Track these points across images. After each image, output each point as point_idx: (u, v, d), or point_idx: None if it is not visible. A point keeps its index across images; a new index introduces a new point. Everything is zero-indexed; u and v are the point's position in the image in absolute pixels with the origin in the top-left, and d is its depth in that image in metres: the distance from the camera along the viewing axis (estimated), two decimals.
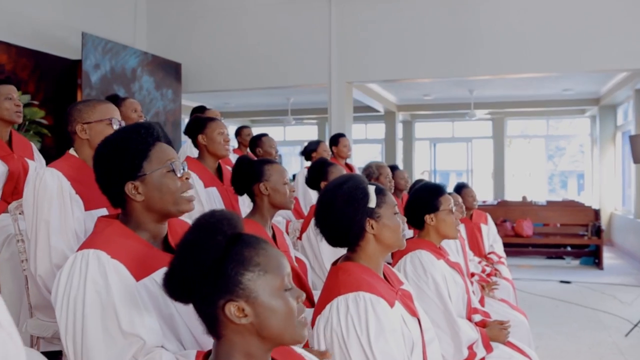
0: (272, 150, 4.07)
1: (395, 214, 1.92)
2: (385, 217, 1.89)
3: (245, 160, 2.56)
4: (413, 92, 11.77)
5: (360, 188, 1.90)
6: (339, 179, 1.96)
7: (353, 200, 1.87)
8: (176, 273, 1.19)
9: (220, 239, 1.19)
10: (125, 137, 1.59)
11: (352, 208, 1.87)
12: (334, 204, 1.90)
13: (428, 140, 14.94)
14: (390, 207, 1.92)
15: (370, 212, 1.88)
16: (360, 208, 1.87)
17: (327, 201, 1.92)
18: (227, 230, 1.22)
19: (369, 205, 1.87)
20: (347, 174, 2.01)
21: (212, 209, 1.29)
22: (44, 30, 7.74)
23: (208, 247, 1.17)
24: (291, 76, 9.06)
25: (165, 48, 9.38)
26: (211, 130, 3.03)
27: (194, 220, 1.25)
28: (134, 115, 3.73)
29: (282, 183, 2.48)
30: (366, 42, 8.58)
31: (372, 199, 1.88)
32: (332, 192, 1.93)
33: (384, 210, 1.90)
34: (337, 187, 1.93)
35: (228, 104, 13.64)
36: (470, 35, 8.12)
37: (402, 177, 4.79)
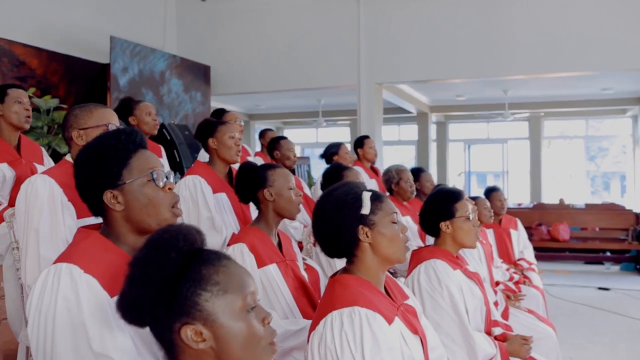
0: (290, 153, 3.97)
1: (394, 222, 1.79)
2: (380, 225, 1.76)
3: (248, 167, 2.46)
4: (446, 92, 11.53)
5: (352, 193, 1.79)
6: (335, 185, 1.85)
7: (343, 205, 1.76)
8: (126, 295, 1.09)
9: (174, 256, 1.07)
10: (104, 143, 1.49)
11: (342, 214, 1.76)
12: (324, 211, 1.80)
13: (462, 142, 14.65)
14: (387, 214, 1.79)
15: (364, 219, 1.76)
16: (351, 214, 1.76)
17: (319, 208, 1.81)
18: (183, 246, 1.10)
19: (361, 211, 1.75)
20: (343, 182, 1.88)
21: (168, 225, 1.17)
22: (74, 34, 7.82)
23: (160, 265, 1.06)
24: (320, 78, 8.96)
25: (194, 51, 9.39)
26: (222, 134, 2.94)
27: (148, 236, 1.14)
28: (148, 118, 3.68)
29: (286, 188, 2.38)
30: (396, 43, 8.42)
31: (366, 205, 1.76)
32: (324, 199, 1.82)
33: (380, 217, 1.77)
34: (329, 194, 1.82)
35: (259, 106, 13.63)
36: (504, 34, 7.89)
37: (429, 181, 4.61)
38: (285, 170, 2.46)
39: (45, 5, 7.46)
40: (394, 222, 1.79)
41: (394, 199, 4.09)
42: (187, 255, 1.10)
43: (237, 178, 2.47)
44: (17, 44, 7.03)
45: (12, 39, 6.97)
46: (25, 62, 7.17)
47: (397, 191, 4.14)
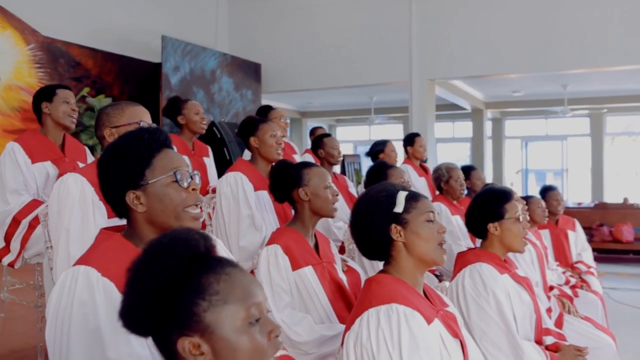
0: (335, 151, 3.88)
1: (429, 221, 1.72)
2: (414, 223, 1.71)
3: (283, 165, 2.39)
4: (501, 88, 11.20)
5: (386, 191, 1.75)
6: (375, 185, 1.78)
7: (375, 203, 1.74)
8: (125, 303, 1.02)
9: (172, 263, 0.99)
10: (127, 142, 1.44)
11: (374, 212, 1.73)
12: (358, 209, 1.77)
13: (519, 139, 14.23)
14: (422, 213, 1.72)
15: (396, 217, 1.71)
16: (383, 212, 1.72)
17: (355, 207, 1.79)
18: (183, 252, 1.02)
19: (394, 210, 1.70)
20: (383, 182, 1.82)
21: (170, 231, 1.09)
22: (127, 35, 7.96)
23: (156, 272, 0.98)
24: (371, 74, 8.83)
25: (244, 49, 9.43)
26: (263, 133, 2.89)
27: (148, 242, 1.07)
28: (196, 117, 3.67)
29: (322, 187, 2.29)
30: (448, 37, 8.20)
31: (399, 203, 1.71)
32: (360, 198, 1.80)
33: (414, 216, 1.71)
34: (365, 193, 1.79)
35: (311, 103, 13.61)
36: (561, 26, 7.55)
37: (479, 179, 4.44)
38: (322, 169, 2.38)
39: (100, 8, 7.62)
40: (429, 220, 1.71)
41: (443, 198, 3.95)
42: (186, 261, 1.01)
43: (272, 176, 2.41)
44: (73, 45, 7.20)
45: (68, 40, 7.15)
46: (80, 63, 7.34)
47: (447, 189, 3.99)
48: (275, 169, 2.40)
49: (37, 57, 6.80)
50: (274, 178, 2.39)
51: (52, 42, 6.96)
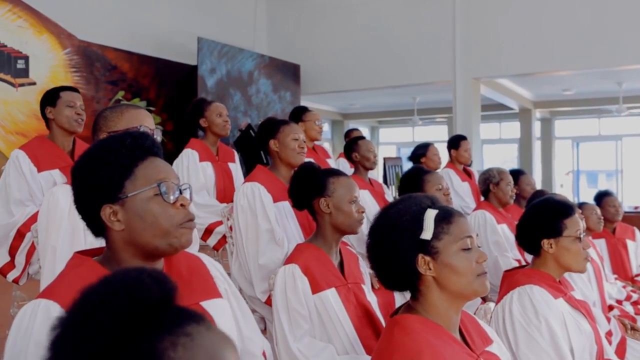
0: (370, 154, 3.58)
1: (466, 249, 1.39)
2: (446, 253, 1.38)
3: (307, 169, 2.13)
4: (551, 86, 10.68)
5: (411, 212, 1.41)
6: (399, 198, 1.48)
7: (398, 227, 1.40)
8: None
9: (109, 324, 0.70)
10: (106, 147, 1.22)
11: (396, 238, 1.40)
12: (377, 232, 1.45)
13: (570, 139, 13.63)
14: (457, 240, 1.38)
15: (424, 245, 1.38)
16: (407, 239, 1.39)
17: (373, 228, 1.46)
18: (126, 305, 0.72)
19: (422, 236, 1.38)
20: (408, 195, 1.49)
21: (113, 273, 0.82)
22: (164, 38, 7.87)
23: (86, 340, 0.69)
24: (413, 74, 8.51)
25: (283, 50, 9.23)
26: (284, 135, 2.63)
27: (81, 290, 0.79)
28: (219, 119, 3.46)
29: (347, 201, 2.02)
30: (494, 34, 7.81)
31: (427, 227, 1.38)
32: (380, 217, 1.47)
33: (446, 244, 1.38)
34: (386, 210, 1.47)
35: (353, 104, 13.33)
36: (616, 19, 7.08)
37: (528, 184, 4.09)
38: (350, 180, 2.10)
39: (136, 10, 7.54)
40: (466, 249, 1.39)
41: (488, 205, 3.62)
42: (130, 320, 0.71)
43: (294, 179, 2.15)
44: (109, 49, 7.14)
45: (104, 43, 7.09)
46: (117, 66, 7.27)
47: (495, 193, 3.64)
48: (299, 171, 2.14)
49: (73, 61, 6.76)
50: (295, 181, 2.13)
51: (88, 45, 6.91)
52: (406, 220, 1.40)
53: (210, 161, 3.41)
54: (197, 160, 3.34)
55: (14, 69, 6.21)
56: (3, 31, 6.11)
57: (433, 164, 4.27)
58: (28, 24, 6.35)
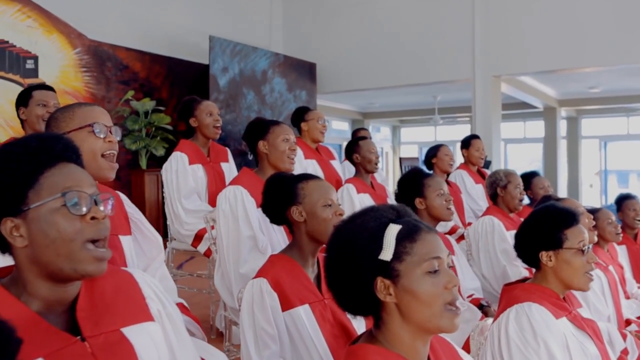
0: (372, 155, 3.39)
1: (432, 272, 1.17)
2: (408, 277, 1.16)
3: (275, 179, 1.94)
4: (577, 84, 10.32)
5: (371, 228, 1.20)
6: (358, 212, 1.29)
7: (355, 246, 1.20)
8: None
9: None
10: (8, 152, 1.07)
11: (353, 259, 1.20)
12: (333, 250, 1.25)
13: (597, 139, 13.23)
14: (422, 261, 1.17)
15: (384, 267, 1.18)
16: (364, 259, 1.19)
17: (329, 247, 1.27)
18: None
19: (381, 256, 1.18)
20: (371, 207, 1.28)
21: None
22: (176, 37, 7.77)
23: None
24: (431, 72, 8.28)
25: (299, 48, 9.07)
26: (274, 136, 2.47)
27: None
28: (209, 119, 3.29)
29: (321, 205, 1.83)
30: (515, 29, 7.54)
31: (388, 246, 1.17)
32: (336, 233, 1.27)
33: (408, 266, 1.17)
34: (342, 226, 1.27)
35: (373, 104, 13.11)
36: None
37: (542, 187, 3.84)
38: (322, 183, 1.91)
39: (148, 9, 7.45)
40: (432, 271, 1.17)
41: (497, 210, 3.38)
42: None
43: (264, 194, 1.96)
44: (120, 48, 7.06)
45: (115, 43, 7.02)
46: (128, 66, 7.19)
47: (503, 197, 3.38)
48: (267, 184, 1.95)
49: (83, 61, 6.69)
50: (265, 195, 1.94)
51: (99, 45, 6.84)
52: (364, 238, 1.19)
53: (201, 163, 3.25)
54: (186, 164, 3.18)
55: (23, 69, 6.16)
56: (12, 31, 6.06)
57: (444, 165, 4.06)
58: (37, 24, 6.29)
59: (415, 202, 2.56)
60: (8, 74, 6.00)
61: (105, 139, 1.65)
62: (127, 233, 1.77)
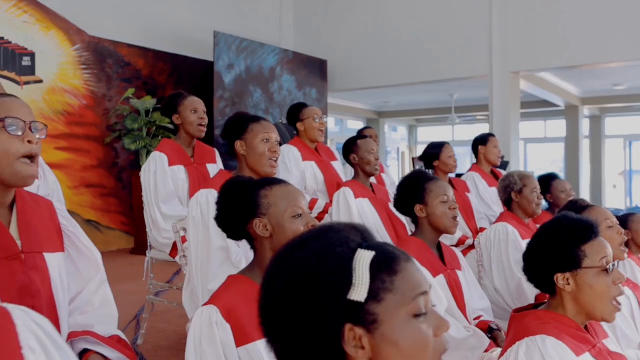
0: (371, 156, 3.05)
1: (419, 316, 0.84)
2: (389, 323, 0.82)
3: (231, 186, 1.59)
4: (600, 81, 9.89)
5: (334, 255, 0.84)
6: (308, 233, 0.91)
7: (312, 282, 0.83)
8: None
9: None
10: None
11: (309, 300, 0.82)
12: (275, 289, 0.86)
13: (622, 138, 12.78)
14: (407, 301, 0.83)
15: (355, 310, 0.82)
16: (326, 300, 0.82)
17: (267, 282, 0.89)
18: None
19: (351, 295, 0.82)
20: (326, 225, 0.91)
21: None
22: (181, 33, 7.51)
23: None
24: (446, 68, 7.93)
25: (310, 45, 8.78)
26: (253, 136, 2.16)
27: None
28: (193, 116, 2.99)
29: (289, 215, 1.52)
30: (535, 23, 7.17)
31: (360, 281, 0.82)
32: (279, 263, 0.89)
33: (389, 308, 0.82)
34: (289, 254, 0.89)
35: (388, 103, 12.77)
36: None
37: (563, 190, 3.47)
38: (289, 189, 1.58)
39: (151, 4, 7.21)
40: (419, 314, 0.84)
41: (512, 217, 3.03)
42: None
43: (219, 204, 1.62)
44: (121, 45, 6.83)
45: (116, 39, 6.78)
46: (130, 63, 6.96)
47: (519, 202, 3.04)
48: (222, 192, 1.62)
49: (83, 57, 6.47)
50: (221, 205, 1.61)
51: (99, 41, 6.61)
52: (326, 270, 0.83)
53: (183, 164, 2.95)
54: (165, 165, 2.88)
55: (19, 66, 5.95)
56: (7, 27, 5.85)
57: (447, 168, 3.69)
58: (34, 20, 6.07)
59: (415, 209, 2.24)
60: (3, 71, 5.79)
61: (23, 138, 1.36)
62: (56, 249, 1.48)
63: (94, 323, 1.46)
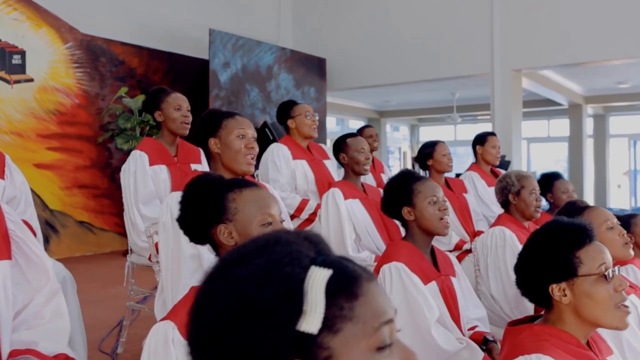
0: (361, 155, 2.90)
1: (383, 349, 0.66)
2: (347, 358, 0.65)
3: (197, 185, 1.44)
4: (604, 79, 9.72)
5: (280, 276, 0.66)
6: (247, 245, 0.73)
7: (253, 308, 0.65)
8: None
9: None
10: None
11: (247, 330, 0.64)
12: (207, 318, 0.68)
13: (626, 137, 12.61)
14: (370, 331, 0.66)
15: (305, 344, 0.65)
16: (270, 331, 0.64)
17: (196, 310, 0.71)
18: None
19: (300, 326, 0.64)
20: (270, 235, 0.72)
21: None
22: (176, 31, 7.38)
23: None
24: (447, 66, 7.78)
25: (308, 42, 8.63)
26: (227, 132, 2.02)
27: None
28: (176, 114, 2.86)
29: (258, 223, 1.38)
30: (537, 20, 7.01)
31: (313, 308, 0.65)
32: (211, 288, 0.70)
33: (348, 339, 0.65)
34: (222, 274, 0.70)
35: (389, 102, 12.62)
36: None
37: (565, 191, 3.32)
38: (259, 193, 1.43)
39: (146, 1, 7.07)
40: (382, 347, 0.67)
41: (510, 219, 2.88)
42: None
43: (182, 204, 1.47)
44: (115, 43, 6.70)
45: (110, 37, 6.65)
46: (124, 61, 6.83)
47: (517, 205, 2.88)
48: (186, 192, 1.47)
49: (75, 56, 6.34)
50: (184, 207, 1.46)
51: (92, 39, 6.48)
52: (269, 294, 0.66)
53: (165, 164, 2.81)
54: (146, 164, 2.75)
55: (8, 64, 5.82)
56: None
57: (441, 166, 3.53)
58: (25, 17, 5.95)
59: (403, 211, 2.09)
60: None
61: None
62: (2, 257, 1.34)
63: (39, 340, 1.32)
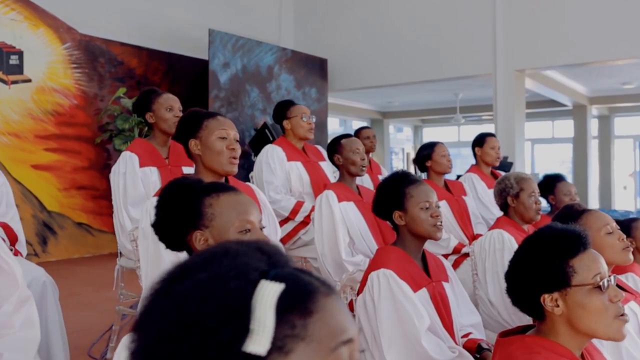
0: (356, 156, 2.83)
1: None
2: None
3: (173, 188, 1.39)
4: (609, 80, 9.62)
5: (225, 292, 0.58)
6: (193, 258, 0.65)
7: (195, 329, 0.57)
8: None
9: None
10: None
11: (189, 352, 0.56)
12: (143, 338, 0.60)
13: (631, 138, 12.49)
14: (324, 351, 0.58)
15: None
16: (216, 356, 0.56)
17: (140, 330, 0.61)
18: None
19: (247, 347, 0.56)
20: (219, 246, 0.65)
21: None
22: (176, 31, 7.33)
23: None
24: (449, 67, 7.71)
25: (309, 43, 8.57)
26: (208, 133, 1.97)
27: None
28: (168, 114, 2.81)
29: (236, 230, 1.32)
30: (540, 19, 6.94)
31: (261, 327, 0.56)
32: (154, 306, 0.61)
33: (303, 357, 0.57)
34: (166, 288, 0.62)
35: (391, 103, 12.54)
36: None
37: (567, 193, 3.24)
38: (238, 197, 1.36)
39: (145, 2, 7.03)
40: None
41: (509, 222, 2.81)
42: None
43: (157, 208, 1.42)
44: (114, 43, 6.65)
45: (109, 37, 6.61)
46: (123, 62, 6.78)
47: (516, 207, 2.81)
48: (161, 196, 1.41)
49: (73, 56, 6.30)
50: (159, 211, 1.40)
51: (91, 40, 6.44)
52: (212, 311, 0.58)
53: (155, 166, 2.76)
54: (136, 166, 2.69)
55: (6, 65, 5.78)
56: None
57: (440, 168, 3.46)
58: (22, 17, 5.91)
59: (394, 216, 2.03)
60: None
61: None
62: None
63: (4, 350, 1.26)
